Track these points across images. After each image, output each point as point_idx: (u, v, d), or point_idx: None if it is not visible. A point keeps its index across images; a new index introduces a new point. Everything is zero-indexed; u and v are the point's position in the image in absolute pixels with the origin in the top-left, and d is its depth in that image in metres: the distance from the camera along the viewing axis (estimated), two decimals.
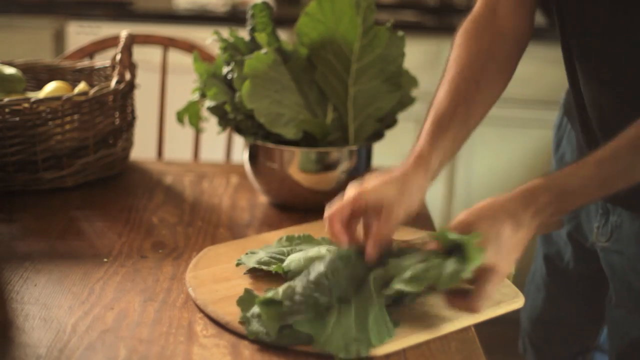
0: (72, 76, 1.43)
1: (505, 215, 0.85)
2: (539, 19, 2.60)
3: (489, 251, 0.82)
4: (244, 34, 1.23)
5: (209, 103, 1.21)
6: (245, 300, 0.87)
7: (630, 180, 0.86)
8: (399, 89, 1.22)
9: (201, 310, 0.91)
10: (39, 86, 1.42)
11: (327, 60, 1.20)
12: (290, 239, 1.03)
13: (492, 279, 0.83)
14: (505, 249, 0.84)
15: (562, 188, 0.86)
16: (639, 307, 1.02)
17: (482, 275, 0.83)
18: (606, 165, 0.85)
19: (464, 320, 0.89)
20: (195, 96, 1.26)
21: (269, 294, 0.85)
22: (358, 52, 1.19)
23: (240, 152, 1.36)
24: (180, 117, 1.28)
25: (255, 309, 0.85)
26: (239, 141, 2.04)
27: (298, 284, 0.85)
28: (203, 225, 1.17)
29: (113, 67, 1.35)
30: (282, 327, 0.83)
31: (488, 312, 0.91)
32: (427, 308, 0.91)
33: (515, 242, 0.85)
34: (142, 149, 1.70)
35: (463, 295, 0.85)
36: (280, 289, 0.86)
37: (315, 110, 1.21)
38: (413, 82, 1.28)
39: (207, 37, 1.28)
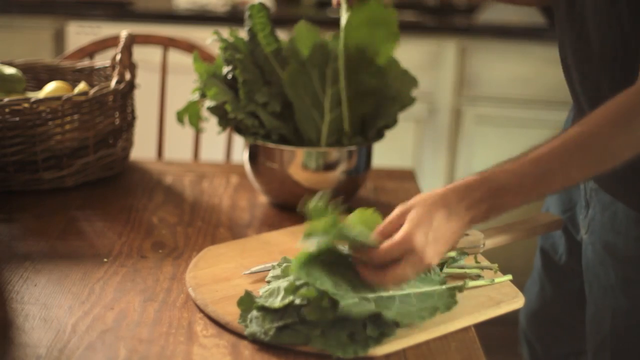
0: (72, 76, 1.43)
1: (439, 204, 0.86)
2: (539, 18, 2.60)
3: (418, 234, 0.83)
4: (244, 34, 1.24)
5: (209, 103, 1.21)
6: (245, 302, 0.87)
7: (566, 180, 0.85)
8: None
9: (201, 310, 0.91)
10: (39, 86, 1.42)
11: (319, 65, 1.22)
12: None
13: (414, 262, 0.84)
14: (434, 236, 0.84)
15: (497, 184, 0.86)
16: (606, 303, 1.01)
17: (407, 256, 0.83)
18: (542, 163, 0.85)
19: (464, 320, 0.89)
20: (195, 96, 1.26)
21: (267, 302, 0.85)
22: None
23: (240, 152, 1.36)
24: (180, 117, 1.28)
25: (254, 312, 0.85)
26: (239, 141, 2.04)
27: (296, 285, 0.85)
28: (203, 225, 1.17)
29: (113, 67, 1.35)
30: (281, 327, 0.83)
31: (488, 312, 0.91)
32: None
33: (446, 231, 0.85)
34: (142, 149, 1.70)
35: (377, 268, 0.85)
36: (279, 298, 0.86)
37: (313, 114, 1.21)
38: (413, 82, 1.28)
39: (207, 37, 1.28)
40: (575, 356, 1.25)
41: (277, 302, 0.84)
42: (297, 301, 0.83)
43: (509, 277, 0.98)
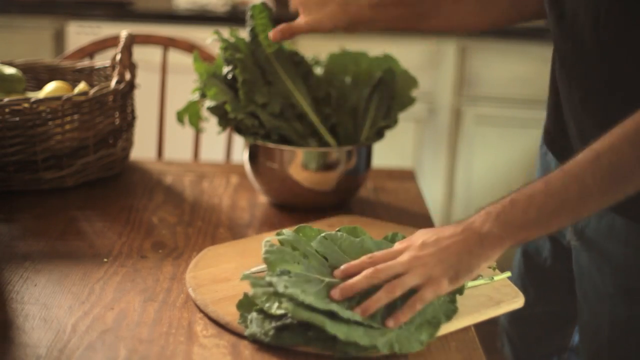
0: (72, 76, 1.43)
1: (444, 227, 0.88)
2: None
3: (426, 254, 0.84)
4: (244, 34, 1.23)
5: (209, 103, 1.21)
6: (244, 305, 0.87)
7: (584, 205, 0.84)
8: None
9: (201, 310, 0.91)
10: (39, 86, 1.42)
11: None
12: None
13: (429, 289, 0.83)
14: (442, 251, 0.84)
15: (508, 198, 0.85)
16: (603, 311, 1.00)
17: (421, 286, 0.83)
18: (552, 183, 0.84)
19: (464, 320, 0.89)
20: (195, 96, 1.26)
21: (265, 307, 0.84)
22: None
23: (240, 152, 1.36)
24: (180, 117, 1.28)
25: (254, 313, 0.85)
26: (239, 141, 2.04)
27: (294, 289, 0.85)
28: (203, 225, 1.17)
29: (113, 67, 1.35)
30: (281, 327, 0.83)
31: (488, 312, 0.91)
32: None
33: (452, 243, 0.84)
34: (142, 149, 1.70)
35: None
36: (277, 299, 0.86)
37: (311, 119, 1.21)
38: (413, 82, 1.28)
39: (207, 37, 1.28)
40: (558, 355, 1.25)
41: (273, 308, 0.84)
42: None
43: (508, 274, 0.98)
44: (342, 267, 0.87)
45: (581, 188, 0.82)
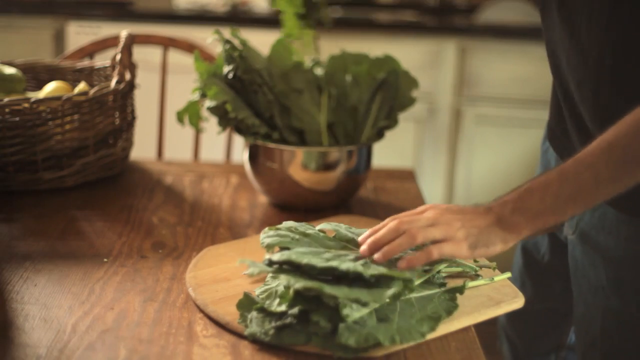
0: (72, 76, 1.43)
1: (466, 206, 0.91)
2: (539, 19, 2.60)
3: (448, 217, 0.87)
4: (244, 34, 1.24)
5: (209, 103, 1.21)
6: (244, 304, 0.87)
7: (597, 195, 0.86)
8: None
9: (201, 310, 0.91)
10: (39, 86, 1.42)
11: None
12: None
13: (449, 244, 0.86)
14: (463, 217, 0.87)
15: (523, 187, 0.88)
16: (597, 303, 1.01)
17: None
18: (566, 171, 0.86)
19: (464, 320, 0.89)
20: (195, 96, 1.26)
21: (265, 304, 0.85)
22: None
23: (240, 152, 1.36)
24: (180, 117, 1.28)
25: (254, 313, 0.85)
26: (239, 141, 2.04)
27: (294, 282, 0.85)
28: (203, 225, 1.17)
29: (113, 67, 1.35)
30: (281, 327, 0.83)
31: (488, 312, 0.91)
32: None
33: (475, 217, 0.87)
34: (142, 149, 1.70)
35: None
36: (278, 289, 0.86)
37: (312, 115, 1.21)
38: (413, 83, 1.28)
39: (207, 37, 1.28)
40: (556, 352, 1.25)
41: (274, 305, 0.84)
42: (294, 310, 0.83)
43: (508, 274, 0.98)
44: (368, 231, 0.89)
45: (594, 175, 0.84)
